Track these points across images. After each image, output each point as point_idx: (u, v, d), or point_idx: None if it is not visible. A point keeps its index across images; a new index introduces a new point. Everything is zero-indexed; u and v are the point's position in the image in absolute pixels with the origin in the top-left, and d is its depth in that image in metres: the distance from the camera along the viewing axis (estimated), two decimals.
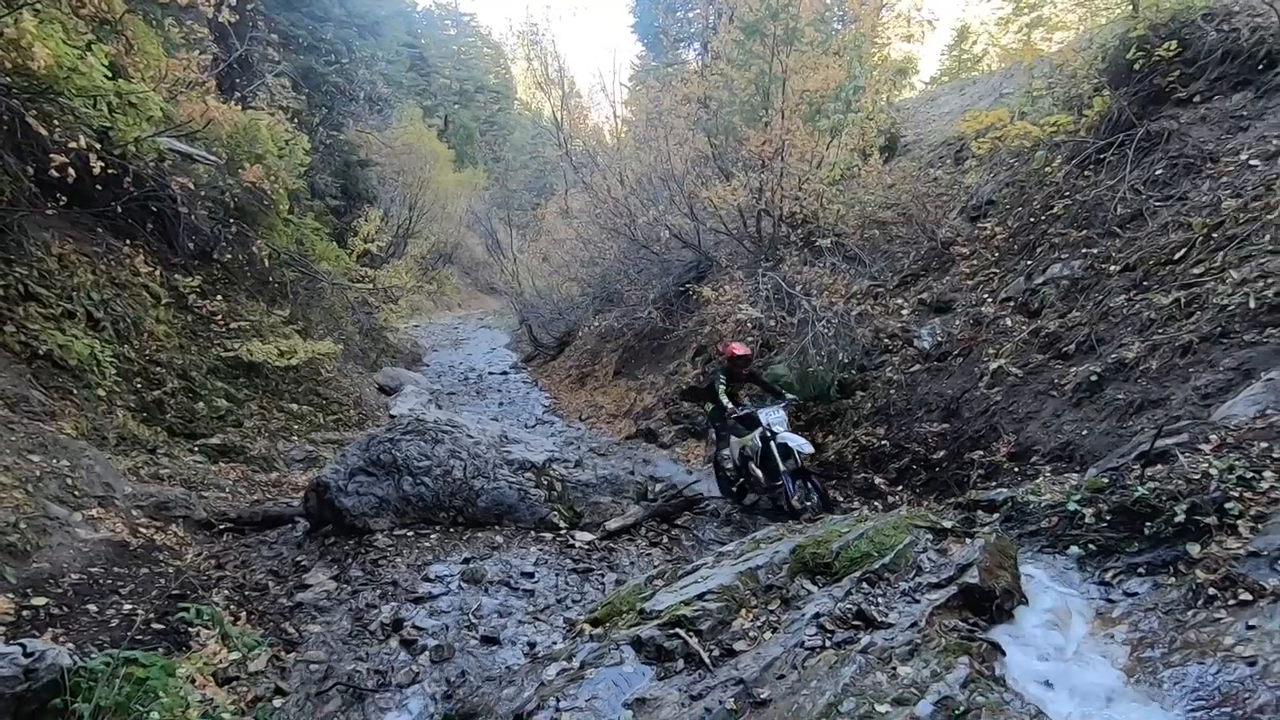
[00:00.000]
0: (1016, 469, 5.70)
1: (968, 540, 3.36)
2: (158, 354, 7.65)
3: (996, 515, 4.19)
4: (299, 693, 3.62)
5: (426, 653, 4.01)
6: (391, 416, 9.71)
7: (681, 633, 3.04)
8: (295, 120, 10.50)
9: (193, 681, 3.21)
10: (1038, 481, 4.93)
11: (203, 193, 8.55)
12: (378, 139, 16.66)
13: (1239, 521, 3.15)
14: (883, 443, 7.12)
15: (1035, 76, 9.06)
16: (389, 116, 17.91)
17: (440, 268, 24.94)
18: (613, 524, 6.12)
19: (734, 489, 7.15)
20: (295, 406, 9.37)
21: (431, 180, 21.89)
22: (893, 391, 7.41)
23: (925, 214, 9.01)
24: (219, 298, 8.66)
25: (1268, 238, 5.18)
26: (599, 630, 3.76)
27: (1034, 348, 6.39)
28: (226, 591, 4.72)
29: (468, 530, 5.83)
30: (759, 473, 6.59)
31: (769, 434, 6.44)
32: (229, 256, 9.12)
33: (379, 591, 4.78)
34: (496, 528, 5.88)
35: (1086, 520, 3.78)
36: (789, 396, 6.99)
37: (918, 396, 7.15)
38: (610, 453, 9.36)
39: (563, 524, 6.04)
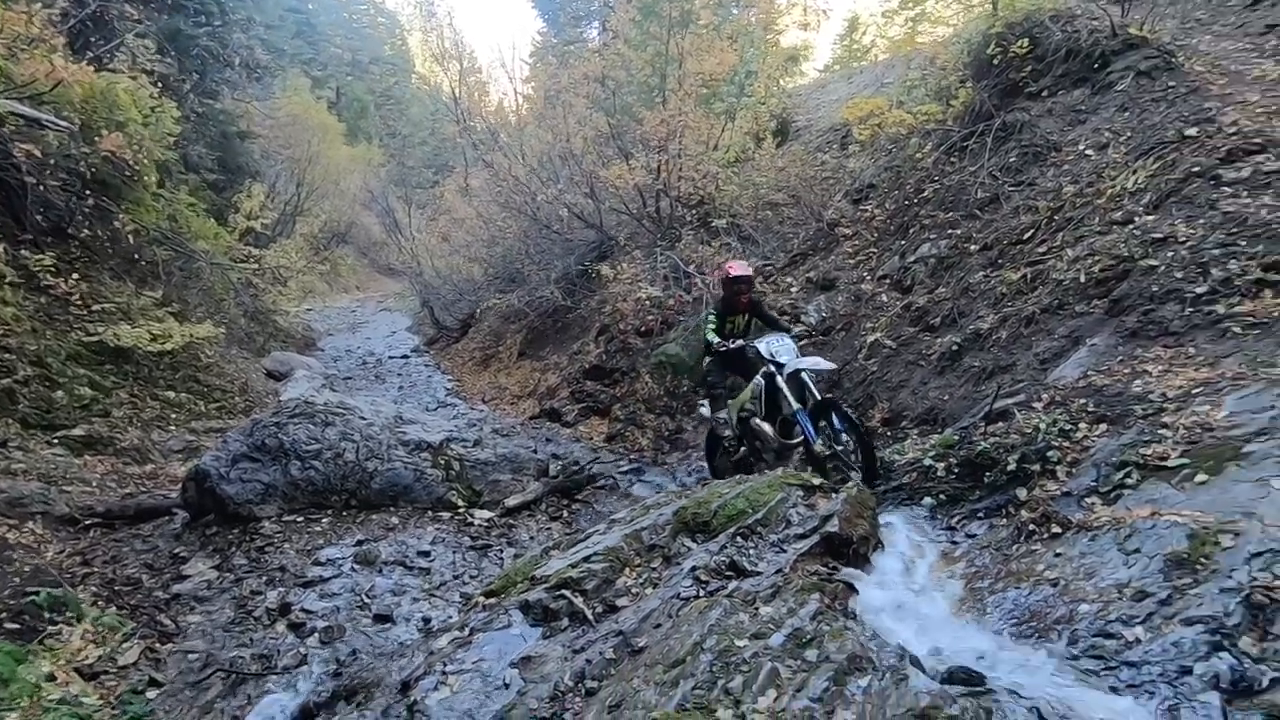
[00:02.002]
0: (889, 433, 6.16)
1: (833, 495, 3.65)
2: (5, 339, 6.98)
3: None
4: (175, 683, 3.50)
5: (315, 634, 3.96)
6: (281, 402, 9.28)
7: (568, 593, 3.16)
8: (162, 86, 9.67)
9: (52, 678, 3.05)
10: (905, 442, 5.40)
11: (53, 161, 7.79)
12: (260, 109, 15.62)
13: (1058, 467, 3.60)
14: None
15: (911, 68, 9.65)
16: (271, 86, 16.79)
17: (334, 248, 23.78)
18: (512, 501, 6.17)
19: (736, 466, 5.78)
20: (172, 394, 8.79)
21: (322, 155, 20.78)
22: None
23: (813, 196, 9.45)
24: (76, 277, 7.96)
25: (1097, 220, 5.81)
26: (493, 600, 3.83)
27: (906, 321, 6.90)
28: (94, 588, 4.44)
29: (362, 513, 5.73)
30: (767, 428, 5.14)
31: (773, 369, 4.99)
32: (86, 232, 8.37)
33: (265, 578, 4.64)
34: (392, 509, 5.81)
35: (939, 473, 4.19)
36: (792, 332, 5.57)
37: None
38: (513, 433, 9.33)
39: (461, 503, 6.04)
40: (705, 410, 6.18)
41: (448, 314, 17.43)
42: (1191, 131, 5.72)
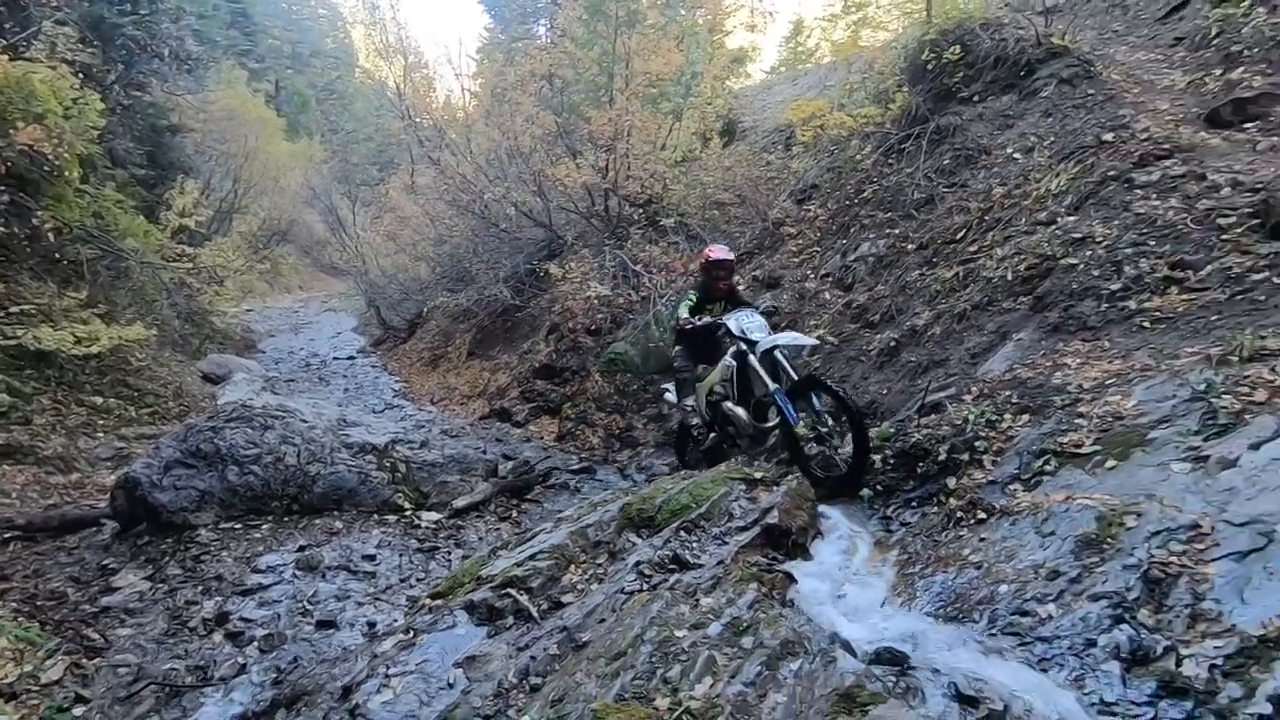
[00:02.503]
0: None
1: (775, 488, 3.75)
2: None
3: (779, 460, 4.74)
4: (104, 698, 3.37)
5: (255, 643, 3.87)
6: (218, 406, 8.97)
7: (513, 592, 3.17)
8: (85, 77, 9.20)
9: None
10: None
11: None
12: (192, 103, 14.99)
13: (984, 456, 3.78)
14: None
15: (852, 72, 9.91)
16: (204, 78, 16.15)
17: (275, 246, 23.02)
18: (460, 502, 6.12)
19: (708, 456, 5.45)
20: (99, 400, 8.42)
21: (260, 151, 20.08)
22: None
23: (759, 196, 9.62)
24: None
25: (1024, 220, 6.09)
26: (439, 602, 3.81)
27: (847, 318, 7.10)
28: (14, 603, 4.24)
29: (304, 518, 5.60)
30: (740, 412, 4.79)
31: (745, 347, 4.68)
32: (2, 229, 7.93)
33: (201, 587, 4.50)
34: (336, 513, 5.69)
35: (875, 465, 4.34)
36: (762, 309, 5.29)
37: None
38: (462, 433, 9.24)
39: (408, 505, 5.95)
40: (671, 396, 5.90)
41: (394, 314, 17.11)
42: (1108, 137, 6.04)
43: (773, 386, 4.44)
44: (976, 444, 3.85)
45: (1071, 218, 5.62)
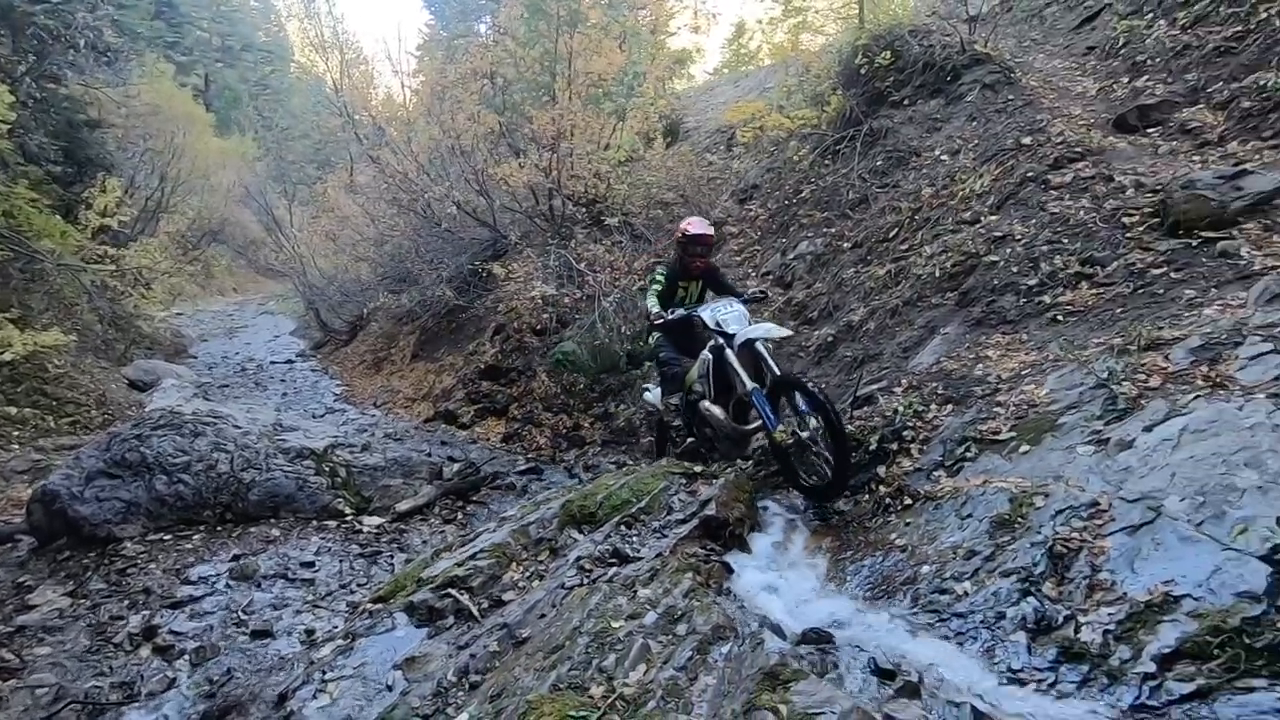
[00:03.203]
0: None
1: (713, 481, 3.84)
2: None
3: (750, 460, 4.81)
4: None
5: (185, 656, 3.75)
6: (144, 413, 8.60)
7: (453, 592, 3.17)
8: None
9: None
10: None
11: None
12: (113, 96, 14.26)
13: (912, 445, 3.94)
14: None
15: (790, 74, 10.15)
16: (126, 70, 15.38)
17: (206, 247, 22.12)
18: (403, 505, 6.04)
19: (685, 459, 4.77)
20: (13, 409, 7.97)
21: (189, 147, 19.24)
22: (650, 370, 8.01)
23: (701, 196, 9.76)
24: None
25: (950, 220, 6.36)
26: (379, 606, 3.76)
27: (787, 315, 7.28)
28: None
29: (239, 526, 5.43)
30: (717, 412, 4.36)
31: (721, 341, 4.25)
32: None
33: (127, 602, 4.33)
34: (273, 521, 5.54)
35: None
36: (747, 294, 4.75)
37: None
38: (406, 436, 9.08)
39: (349, 510, 5.84)
40: (652, 395, 5.39)
41: (335, 316, 16.66)
42: (1026, 140, 6.36)
43: (750, 385, 4.00)
44: (905, 434, 4.02)
45: (994, 217, 5.90)
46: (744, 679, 1.89)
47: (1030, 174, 5.95)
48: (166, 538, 5.17)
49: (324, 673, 2.82)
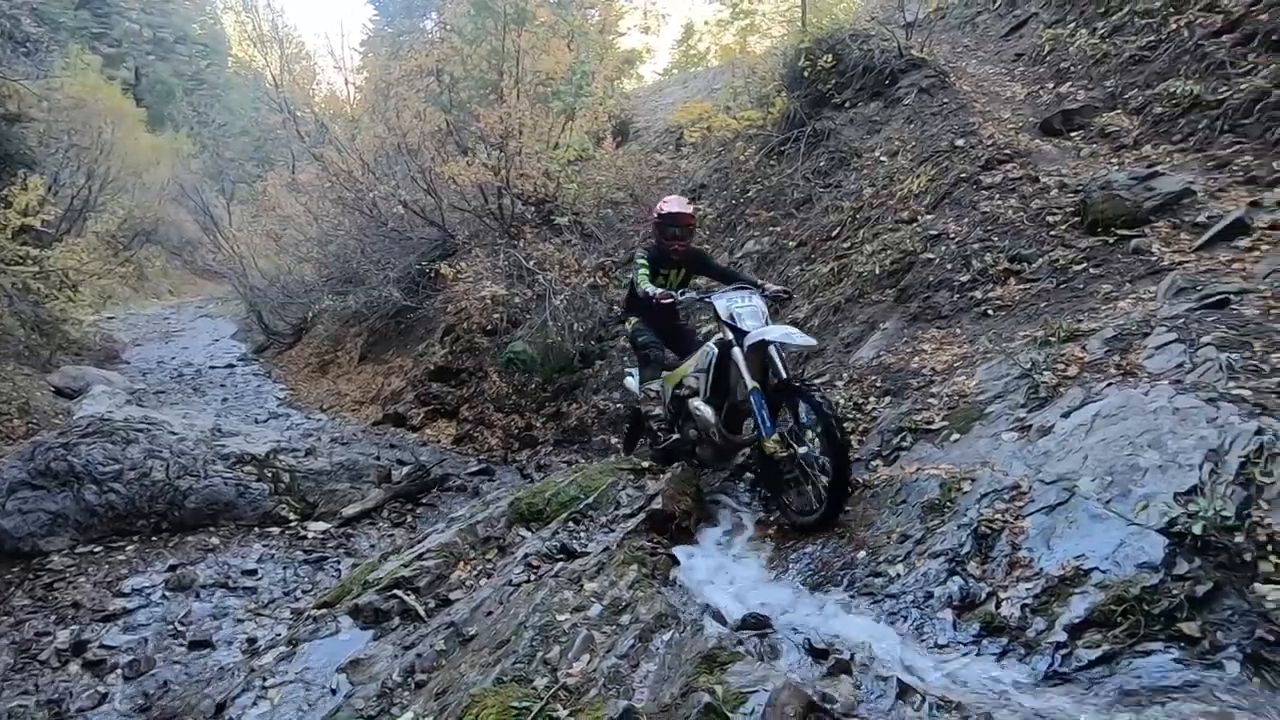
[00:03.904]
0: None
1: (660, 476, 3.89)
2: None
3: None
4: None
5: (118, 671, 3.62)
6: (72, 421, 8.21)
7: (400, 593, 3.15)
8: None
9: None
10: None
11: None
12: (33, 89, 13.54)
13: (852, 436, 4.07)
14: (618, 406, 7.74)
15: (736, 76, 10.30)
16: (48, 62, 14.63)
17: (139, 247, 21.19)
18: (351, 510, 5.93)
19: (662, 458, 4.48)
20: None
21: (119, 143, 18.41)
22: (626, 359, 8.06)
23: (651, 195, 9.81)
24: None
25: (889, 219, 6.57)
26: (324, 611, 3.70)
27: None
28: None
29: (176, 536, 5.25)
30: (709, 414, 3.93)
31: (732, 337, 3.77)
32: None
33: (54, 617, 4.15)
34: (212, 529, 5.38)
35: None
36: (770, 287, 4.24)
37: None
38: (353, 440, 8.91)
39: (293, 516, 5.71)
40: (632, 381, 4.90)
41: (278, 318, 16.16)
42: (960, 143, 6.62)
43: (752, 385, 3.57)
44: (846, 425, 4.15)
45: (930, 216, 6.12)
46: (683, 663, 1.94)
47: (963, 175, 6.20)
48: (97, 550, 4.96)
49: (264, 679, 2.77)
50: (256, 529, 5.48)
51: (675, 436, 4.41)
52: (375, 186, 10.95)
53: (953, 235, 5.68)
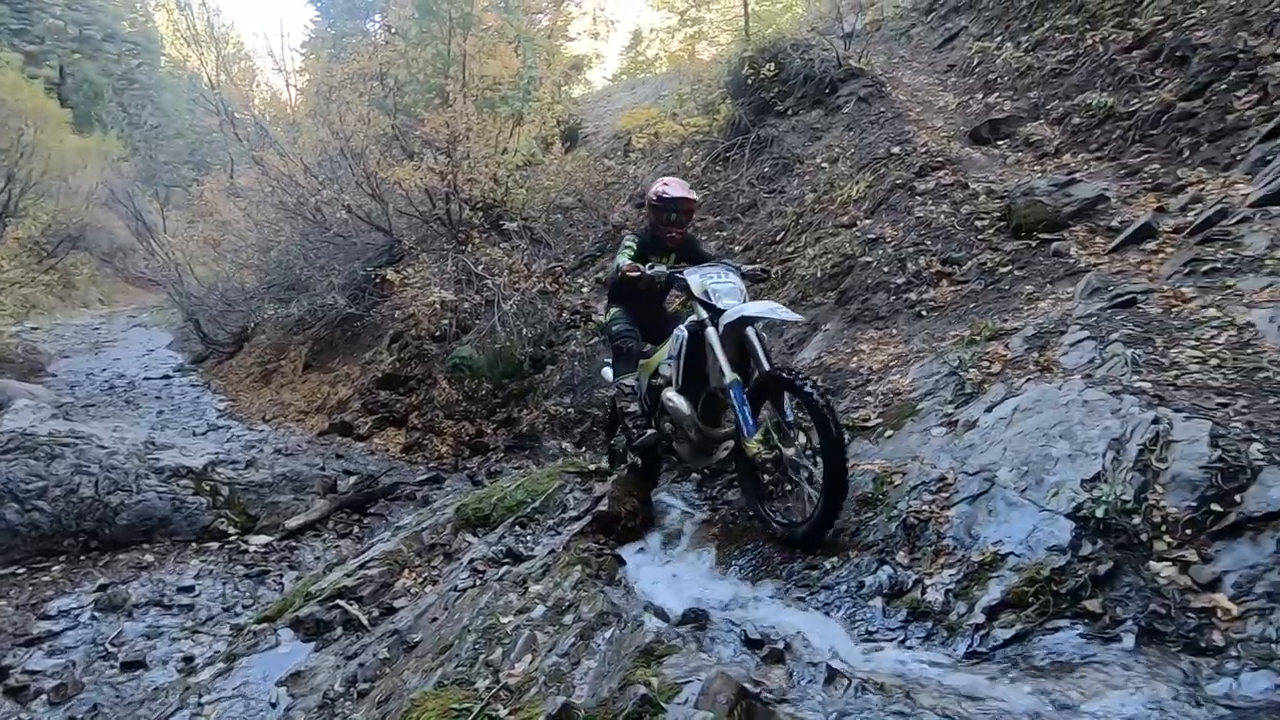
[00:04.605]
0: None
1: (608, 478, 3.93)
2: None
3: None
4: None
5: (43, 696, 3.46)
6: None
7: (342, 603, 3.11)
8: None
9: None
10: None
11: None
12: None
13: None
14: (569, 410, 7.75)
15: (683, 83, 10.45)
16: None
17: (65, 254, 20.20)
18: (294, 522, 5.80)
19: (635, 459, 4.16)
20: None
21: (41, 145, 17.52)
22: (576, 363, 8.09)
23: (600, 200, 9.88)
24: None
25: (830, 223, 6.76)
26: (264, 625, 3.63)
27: None
28: None
29: (106, 554, 5.06)
30: (683, 406, 3.58)
31: (705, 316, 3.39)
32: None
33: None
34: (145, 546, 5.20)
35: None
36: (747, 267, 3.93)
37: (597, 365, 7.89)
38: (298, 451, 8.68)
39: (233, 530, 5.56)
40: (609, 372, 4.48)
41: (218, 327, 15.63)
42: (896, 150, 6.86)
43: (730, 377, 3.18)
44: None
45: (868, 221, 6.33)
46: (623, 658, 1.99)
47: (899, 181, 6.43)
48: (20, 571, 4.74)
49: (200, 697, 2.71)
50: (194, 544, 5.32)
51: (651, 432, 3.91)
52: (319, 191, 10.71)
53: (889, 239, 5.89)
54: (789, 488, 3.11)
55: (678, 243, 4.12)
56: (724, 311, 3.29)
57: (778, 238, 7.31)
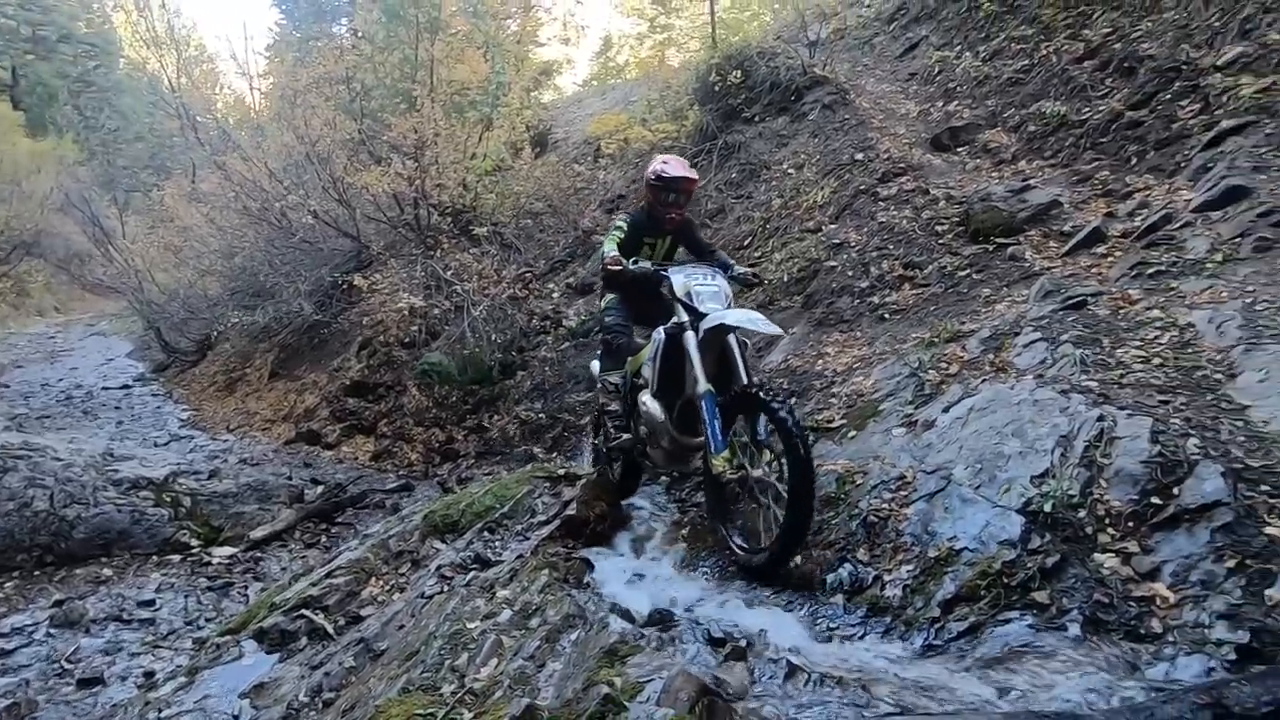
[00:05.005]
0: None
1: (576, 483, 3.95)
2: None
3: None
4: None
5: None
6: None
7: (307, 613, 3.08)
8: None
9: None
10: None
11: None
12: None
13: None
14: (540, 416, 7.74)
15: (652, 89, 10.52)
16: None
17: (18, 262, 19.60)
18: (259, 532, 5.70)
19: (617, 463, 4.08)
20: None
21: None
22: (547, 369, 8.08)
23: (570, 206, 9.90)
24: None
25: (796, 228, 6.87)
26: (228, 638, 3.57)
27: None
28: None
29: (62, 569, 4.94)
30: (657, 412, 3.42)
31: (685, 320, 3.26)
32: None
33: None
34: (104, 559, 5.08)
35: None
36: (739, 268, 3.84)
37: (568, 370, 7.92)
38: (264, 460, 8.54)
39: (195, 542, 5.45)
40: (596, 366, 4.22)
41: (180, 335, 15.27)
42: (859, 156, 7.00)
43: (704, 387, 3.06)
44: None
45: (833, 226, 6.45)
46: (587, 659, 2.01)
47: (863, 187, 6.56)
48: None
49: (160, 711, 2.66)
50: (155, 557, 5.21)
51: (626, 436, 3.76)
52: (284, 196, 10.56)
53: (853, 244, 6.01)
54: (754, 507, 2.98)
55: (676, 224, 3.91)
56: (705, 316, 3.18)
57: (745, 242, 7.39)
